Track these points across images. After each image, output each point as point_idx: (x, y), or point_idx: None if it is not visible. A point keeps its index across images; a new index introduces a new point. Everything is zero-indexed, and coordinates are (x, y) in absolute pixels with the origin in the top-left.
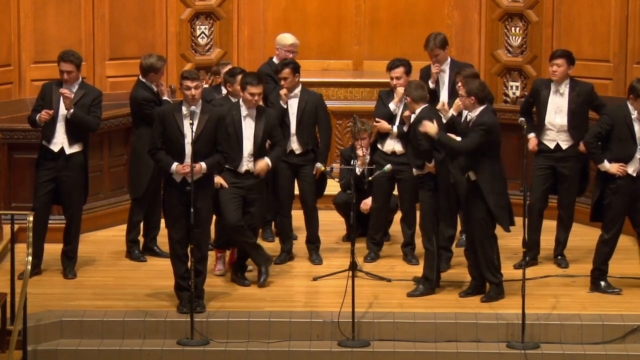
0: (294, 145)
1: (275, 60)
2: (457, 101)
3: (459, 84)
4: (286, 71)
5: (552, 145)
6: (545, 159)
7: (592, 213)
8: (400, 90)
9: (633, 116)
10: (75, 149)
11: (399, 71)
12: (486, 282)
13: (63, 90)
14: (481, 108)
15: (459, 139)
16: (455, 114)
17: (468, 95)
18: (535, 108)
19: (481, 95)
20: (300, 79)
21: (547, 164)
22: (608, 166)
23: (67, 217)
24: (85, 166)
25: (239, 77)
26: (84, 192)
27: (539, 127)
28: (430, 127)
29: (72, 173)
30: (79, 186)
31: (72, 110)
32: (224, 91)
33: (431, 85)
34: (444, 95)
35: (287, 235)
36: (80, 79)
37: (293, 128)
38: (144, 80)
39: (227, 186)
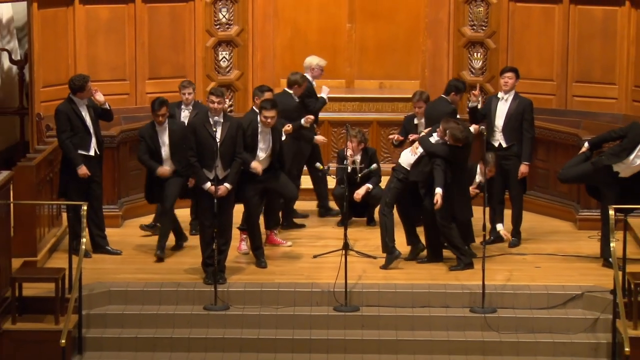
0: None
1: (308, 76)
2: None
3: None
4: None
5: (496, 144)
6: None
7: None
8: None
9: None
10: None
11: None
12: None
13: (97, 91)
14: None
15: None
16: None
17: (455, 141)
18: (487, 117)
19: (462, 139)
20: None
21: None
22: None
23: (98, 208)
24: None
25: (267, 93)
26: None
27: (490, 131)
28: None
29: (100, 171)
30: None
31: (106, 103)
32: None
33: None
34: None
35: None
36: None
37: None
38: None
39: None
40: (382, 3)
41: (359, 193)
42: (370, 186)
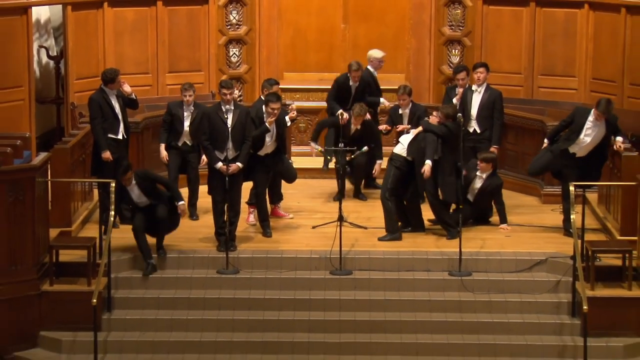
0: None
1: (370, 68)
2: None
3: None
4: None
5: (471, 130)
6: (468, 141)
7: None
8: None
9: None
10: None
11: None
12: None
13: (125, 82)
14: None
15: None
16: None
17: (447, 118)
18: (464, 106)
19: (453, 115)
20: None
21: (470, 145)
22: None
23: None
24: None
25: (275, 86)
26: None
27: (466, 119)
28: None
29: (127, 152)
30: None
31: (132, 93)
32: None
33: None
34: (405, 126)
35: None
36: None
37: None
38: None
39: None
40: (372, 6)
41: (376, 169)
42: (380, 161)
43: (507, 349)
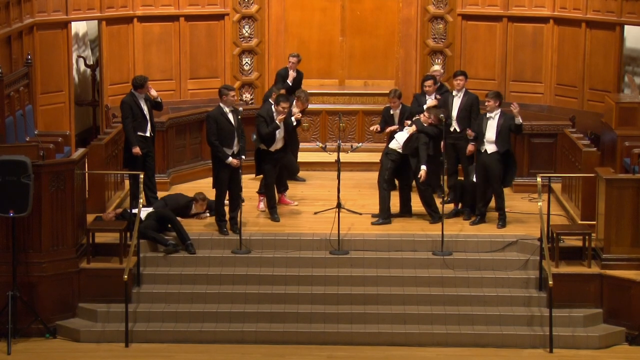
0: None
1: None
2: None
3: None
4: None
5: (452, 129)
6: (449, 138)
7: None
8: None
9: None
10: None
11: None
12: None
13: (152, 87)
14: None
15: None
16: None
17: (439, 122)
18: (446, 109)
19: (442, 119)
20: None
21: (451, 142)
22: None
23: (152, 176)
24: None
25: (281, 90)
26: None
27: (449, 119)
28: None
29: (154, 148)
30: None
31: (158, 97)
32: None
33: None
34: (394, 126)
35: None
36: None
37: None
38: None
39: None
40: (366, 21)
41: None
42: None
43: (483, 318)
